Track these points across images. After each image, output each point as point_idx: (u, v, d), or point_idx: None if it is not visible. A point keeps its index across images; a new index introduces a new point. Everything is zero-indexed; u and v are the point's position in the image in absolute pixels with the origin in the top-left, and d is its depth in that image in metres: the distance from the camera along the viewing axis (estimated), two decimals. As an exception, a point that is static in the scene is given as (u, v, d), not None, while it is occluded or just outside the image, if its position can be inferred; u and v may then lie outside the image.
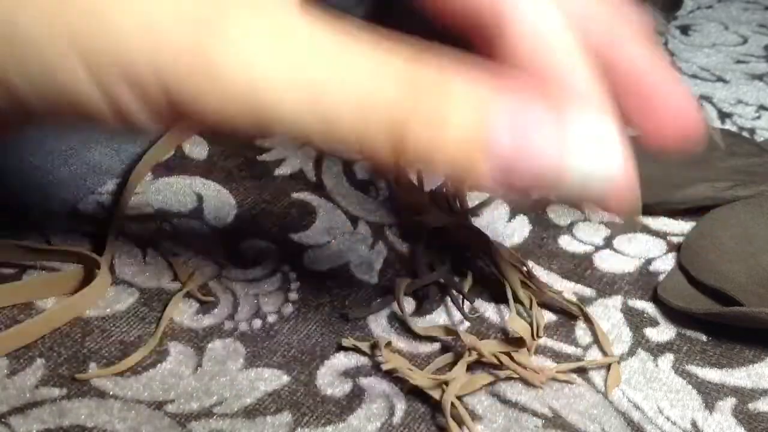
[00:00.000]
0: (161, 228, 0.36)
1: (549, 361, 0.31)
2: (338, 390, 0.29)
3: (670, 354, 0.32)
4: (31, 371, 0.29)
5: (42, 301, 0.32)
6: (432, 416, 0.29)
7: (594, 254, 0.36)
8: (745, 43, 0.55)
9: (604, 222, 0.38)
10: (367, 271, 0.35)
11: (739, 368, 0.31)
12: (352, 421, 0.28)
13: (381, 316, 0.33)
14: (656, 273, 0.36)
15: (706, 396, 0.30)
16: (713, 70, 0.52)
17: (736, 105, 0.48)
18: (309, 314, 0.32)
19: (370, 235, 0.37)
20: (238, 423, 0.28)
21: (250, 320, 0.32)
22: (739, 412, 0.30)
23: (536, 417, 0.29)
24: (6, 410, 0.28)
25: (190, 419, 0.28)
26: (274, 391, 0.29)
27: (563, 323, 0.33)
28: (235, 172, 0.40)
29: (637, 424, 0.29)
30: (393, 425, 0.28)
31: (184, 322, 0.32)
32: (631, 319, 0.33)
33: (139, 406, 0.28)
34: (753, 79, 0.51)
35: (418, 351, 0.31)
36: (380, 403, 0.29)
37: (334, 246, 0.36)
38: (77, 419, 0.28)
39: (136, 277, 0.33)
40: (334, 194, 0.39)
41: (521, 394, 0.30)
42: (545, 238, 0.37)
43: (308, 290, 0.34)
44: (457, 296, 0.33)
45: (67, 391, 0.28)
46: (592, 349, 0.32)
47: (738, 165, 0.40)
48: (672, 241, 0.37)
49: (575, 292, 0.34)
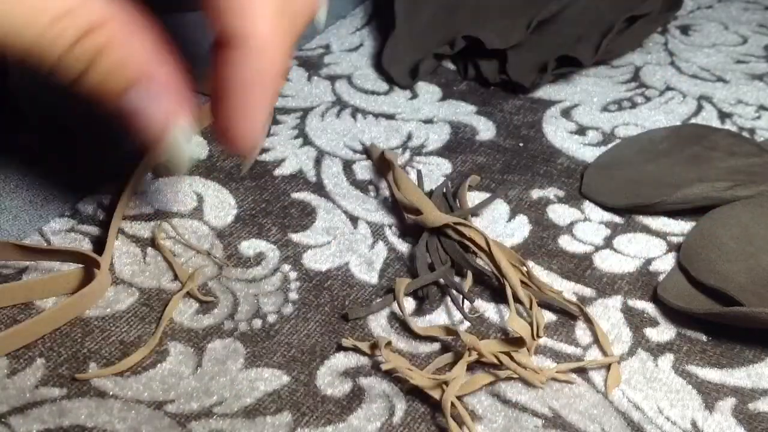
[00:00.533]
0: (161, 228, 0.36)
1: (549, 361, 0.31)
2: (338, 390, 0.29)
3: (670, 354, 0.32)
4: (31, 371, 0.29)
5: (42, 301, 0.32)
6: (432, 416, 0.29)
7: (594, 254, 0.36)
8: (745, 43, 0.55)
9: (604, 222, 0.38)
10: (367, 271, 0.35)
11: (739, 368, 0.31)
12: (352, 421, 0.28)
13: (381, 316, 0.33)
14: (656, 273, 0.36)
15: (706, 396, 0.30)
16: (713, 70, 0.52)
17: (736, 105, 0.48)
18: (309, 314, 0.32)
19: (370, 235, 0.37)
20: (238, 423, 0.28)
21: (250, 320, 0.32)
22: (739, 412, 0.30)
23: (536, 417, 0.29)
24: (6, 410, 0.28)
25: (190, 419, 0.28)
26: (274, 391, 0.29)
27: (563, 323, 0.33)
28: (235, 172, 0.40)
29: (637, 424, 0.29)
30: (393, 425, 0.28)
31: (184, 322, 0.32)
32: (631, 319, 0.33)
33: (139, 406, 0.28)
34: (753, 79, 0.51)
35: (418, 351, 0.31)
36: (380, 403, 0.29)
37: (334, 246, 0.36)
38: (77, 419, 0.28)
39: (136, 277, 0.33)
40: (334, 194, 0.39)
41: (521, 394, 0.30)
42: (545, 238, 0.37)
43: (308, 290, 0.34)
44: (457, 296, 0.33)
45: (67, 391, 0.28)
46: (592, 349, 0.32)
47: (738, 165, 0.40)
48: (672, 241, 0.37)
49: (575, 292, 0.34)
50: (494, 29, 0.48)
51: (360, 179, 0.40)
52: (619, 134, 0.45)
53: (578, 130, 0.45)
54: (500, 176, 0.41)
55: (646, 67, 0.52)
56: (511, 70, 0.48)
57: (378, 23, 0.55)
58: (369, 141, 0.43)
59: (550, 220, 0.38)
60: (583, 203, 0.39)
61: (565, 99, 0.48)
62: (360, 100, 0.47)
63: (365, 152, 0.42)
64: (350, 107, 0.46)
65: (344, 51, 0.52)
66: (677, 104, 0.48)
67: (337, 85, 0.48)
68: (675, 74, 0.51)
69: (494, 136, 0.44)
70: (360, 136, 0.43)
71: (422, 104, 0.47)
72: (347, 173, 0.41)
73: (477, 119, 0.46)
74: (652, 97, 0.48)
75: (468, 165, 0.42)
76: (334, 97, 0.47)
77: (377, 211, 0.38)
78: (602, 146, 0.44)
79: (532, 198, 0.40)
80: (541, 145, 0.44)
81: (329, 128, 0.44)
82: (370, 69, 0.50)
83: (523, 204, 0.39)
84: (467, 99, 0.47)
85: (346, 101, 0.46)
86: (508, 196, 0.40)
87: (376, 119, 0.45)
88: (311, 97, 0.47)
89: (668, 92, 0.49)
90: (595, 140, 0.44)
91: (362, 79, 0.49)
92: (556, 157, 0.43)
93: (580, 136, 0.45)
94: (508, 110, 0.47)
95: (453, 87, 0.49)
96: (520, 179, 0.41)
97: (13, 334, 0.30)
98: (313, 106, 0.46)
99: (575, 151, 0.43)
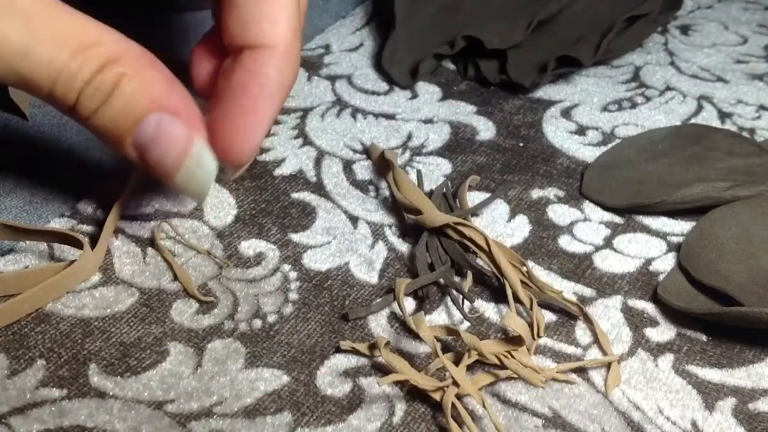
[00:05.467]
0: (161, 228, 0.36)
1: (549, 361, 0.31)
2: (338, 390, 0.29)
3: (670, 354, 0.32)
4: (31, 372, 0.29)
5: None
6: (432, 416, 0.29)
7: (594, 254, 0.36)
8: (745, 43, 0.55)
9: (604, 222, 0.38)
10: (367, 271, 0.35)
11: (739, 368, 0.31)
12: (352, 421, 0.28)
13: (381, 316, 0.33)
14: (656, 273, 0.36)
15: (706, 396, 0.30)
16: (713, 70, 0.52)
17: (736, 105, 0.48)
18: (309, 314, 0.32)
19: (370, 235, 0.37)
20: (238, 423, 0.28)
21: (250, 320, 0.32)
22: (739, 412, 0.30)
23: (536, 417, 0.29)
24: (6, 411, 0.28)
25: (190, 419, 0.28)
26: (274, 391, 0.29)
27: (563, 323, 0.33)
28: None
29: (637, 424, 0.29)
30: (393, 425, 0.28)
31: (184, 323, 0.32)
32: (631, 319, 0.33)
33: (139, 406, 0.28)
34: (753, 79, 0.51)
35: (418, 351, 0.31)
36: (380, 403, 0.29)
37: (334, 246, 0.36)
38: (77, 419, 0.28)
39: (136, 277, 0.33)
40: (334, 194, 0.39)
41: (521, 394, 0.30)
42: (545, 238, 0.37)
43: (308, 290, 0.34)
44: (457, 296, 0.33)
45: (68, 391, 0.28)
46: (592, 349, 0.32)
47: (738, 165, 0.40)
48: (672, 241, 0.37)
49: (575, 292, 0.34)
50: (494, 29, 0.49)
51: (360, 179, 0.40)
52: (619, 134, 0.45)
53: (578, 130, 0.45)
54: (500, 176, 0.41)
55: (646, 67, 0.52)
56: (511, 70, 0.48)
57: (378, 23, 0.55)
58: (369, 141, 0.43)
59: (550, 220, 0.38)
60: (583, 203, 0.39)
61: (565, 99, 0.48)
62: (360, 100, 0.47)
63: (365, 152, 0.42)
64: (350, 107, 0.46)
65: (344, 51, 0.52)
66: (677, 104, 0.48)
67: (337, 85, 0.48)
68: (675, 74, 0.51)
69: (494, 136, 0.44)
70: (360, 136, 0.43)
71: (422, 104, 0.47)
72: (347, 173, 0.41)
73: (477, 119, 0.46)
74: (652, 97, 0.48)
75: (468, 165, 0.42)
76: (334, 97, 0.47)
77: (377, 211, 0.38)
78: (602, 146, 0.44)
79: (532, 198, 0.40)
80: (541, 145, 0.44)
81: (329, 128, 0.44)
82: (370, 69, 0.50)
83: (523, 204, 0.39)
84: (467, 99, 0.47)
85: (346, 101, 0.46)
86: (508, 196, 0.40)
87: (376, 119, 0.45)
88: (311, 97, 0.47)
89: (668, 92, 0.49)
90: (595, 140, 0.44)
91: (362, 79, 0.49)
92: (556, 157, 0.43)
93: (580, 136, 0.45)
94: (508, 110, 0.47)
95: (453, 87, 0.49)
96: (520, 179, 0.41)
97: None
98: (313, 106, 0.46)
99: (575, 151, 0.43)
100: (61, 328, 0.31)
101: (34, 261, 0.34)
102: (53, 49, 0.27)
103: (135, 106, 0.28)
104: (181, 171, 0.30)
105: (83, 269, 0.32)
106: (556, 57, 0.48)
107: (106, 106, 0.28)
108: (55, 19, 0.27)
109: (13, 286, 0.32)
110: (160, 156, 0.29)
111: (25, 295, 0.31)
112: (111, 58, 0.28)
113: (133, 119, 0.29)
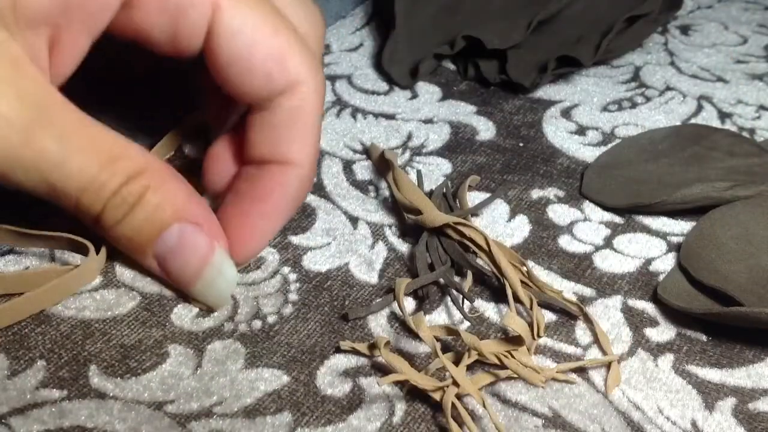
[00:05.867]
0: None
1: (549, 361, 0.31)
2: (338, 390, 0.29)
3: (670, 354, 0.32)
4: (31, 372, 0.29)
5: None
6: (432, 416, 0.29)
7: (594, 254, 0.36)
8: (745, 43, 0.55)
9: (604, 223, 0.38)
10: (367, 272, 0.35)
11: (739, 368, 0.31)
12: (352, 421, 0.28)
13: (381, 316, 0.33)
14: (656, 273, 0.36)
15: (706, 396, 0.30)
16: (713, 70, 0.52)
17: (736, 105, 0.48)
18: (309, 314, 0.33)
19: (370, 235, 0.37)
20: (238, 423, 0.28)
21: (250, 321, 0.32)
22: (739, 412, 0.30)
23: (536, 417, 0.29)
24: (6, 411, 0.28)
25: (190, 419, 0.28)
26: (274, 391, 0.29)
27: (563, 323, 0.33)
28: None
29: (637, 424, 0.29)
30: (393, 425, 0.28)
31: (185, 326, 0.32)
32: (631, 319, 0.33)
33: (139, 407, 0.28)
34: (753, 79, 0.51)
35: (418, 351, 0.31)
36: (380, 403, 0.29)
37: (334, 246, 0.36)
38: (77, 420, 0.28)
39: (137, 281, 0.33)
40: (334, 195, 0.39)
41: (521, 394, 0.30)
42: (545, 238, 0.37)
43: (308, 291, 0.34)
44: (457, 296, 0.33)
45: (68, 392, 0.29)
46: (592, 349, 0.32)
47: (738, 165, 0.40)
48: (672, 241, 0.37)
49: (575, 292, 0.34)
50: (494, 29, 0.49)
51: (360, 179, 0.40)
52: (619, 134, 0.45)
53: (578, 130, 0.45)
54: (500, 176, 0.41)
55: (646, 67, 0.52)
56: (511, 70, 0.48)
57: (378, 23, 0.55)
58: (369, 141, 0.43)
59: (550, 220, 0.38)
60: (583, 203, 0.39)
61: (565, 99, 0.48)
62: (360, 100, 0.47)
63: (365, 152, 0.42)
64: (350, 107, 0.46)
65: (344, 51, 0.52)
66: (677, 104, 0.48)
67: (337, 85, 0.48)
68: (675, 74, 0.51)
69: (494, 136, 0.44)
70: (360, 136, 0.43)
71: (422, 104, 0.47)
72: (347, 173, 0.41)
73: (477, 119, 0.46)
74: (652, 97, 0.49)
75: (468, 165, 0.42)
76: (334, 97, 0.47)
77: (377, 211, 0.38)
78: (602, 146, 0.44)
79: (532, 198, 0.40)
80: (541, 145, 0.44)
81: (329, 128, 0.44)
82: (370, 69, 0.50)
83: (523, 204, 0.39)
84: (467, 99, 0.47)
85: (346, 101, 0.46)
86: (508, 196, 0.40)
87: (376, 119, 0.45)
88: (311, 97, 0.47)
89: (668, 92, 0.49)
90: (595, 140, 0.44)
91: (362, 79, 0.49)
92: (556, 157, 0.43)
93: (580, 136, 0.45)
94: (508, 110, 0.47)
95: (453, 87, 0.49)
96: (520, 179, 0.41)
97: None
98: (313, 107, 0.46)
99: (575, 151, 0.43)
100: (61, 329, 0.31)
101: (34, 262, 0.34)
102: (85, 159, 0.28)
103: (159, 216, 0.29)
104: (201, 279, 0.31)
105: (86, 273, 0.32)
106: (556, 57, 0.48)
107: (130, 217, 0.29)
108: (87, 133, 0.28)
109: (15, 287, 0.32)
110: (181, 265, 0.31)
111: (28, 297, 0.31)
112: (137, 171, 0.29)
113: (156, 229, 0.30)
